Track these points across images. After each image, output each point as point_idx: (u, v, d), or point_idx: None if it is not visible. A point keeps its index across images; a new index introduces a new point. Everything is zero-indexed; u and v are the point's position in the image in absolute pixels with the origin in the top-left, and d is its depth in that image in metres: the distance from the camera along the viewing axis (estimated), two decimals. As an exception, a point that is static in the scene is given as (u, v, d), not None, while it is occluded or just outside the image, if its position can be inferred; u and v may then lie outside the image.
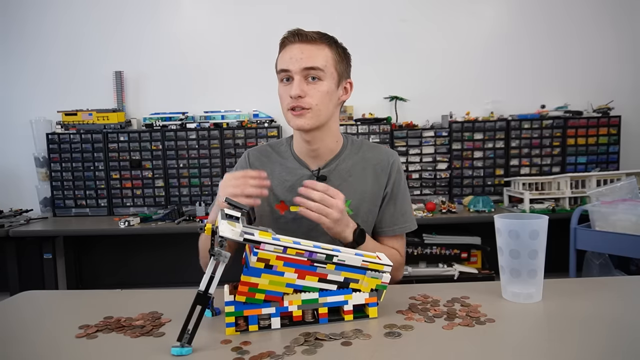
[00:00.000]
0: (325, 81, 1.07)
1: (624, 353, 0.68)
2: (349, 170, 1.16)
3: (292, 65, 1.04)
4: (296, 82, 1.04)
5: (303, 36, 1.06)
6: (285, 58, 1.06)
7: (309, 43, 1.06)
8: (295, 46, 1.06)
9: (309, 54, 1.05)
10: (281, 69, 1.07)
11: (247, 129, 2.82)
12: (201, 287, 0.72)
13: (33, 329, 0.84)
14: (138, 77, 2.98)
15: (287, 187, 1.15)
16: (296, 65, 1.04)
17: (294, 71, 1.05)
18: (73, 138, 2.82)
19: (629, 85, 2.92)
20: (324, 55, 1.07)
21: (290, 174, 1.17)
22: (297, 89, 1.04)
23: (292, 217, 1.13)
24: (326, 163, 1.16)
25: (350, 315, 0.82)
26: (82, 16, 2.94)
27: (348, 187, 1.14)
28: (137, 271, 2.97)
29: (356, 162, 1.18)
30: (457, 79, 2.93)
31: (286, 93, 1.07)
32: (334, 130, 1.16)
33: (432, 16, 2.93)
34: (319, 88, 1.06)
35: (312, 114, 1.06)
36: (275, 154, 1.21)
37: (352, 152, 1.19)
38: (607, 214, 1.98)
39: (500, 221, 0.88)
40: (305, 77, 1.05)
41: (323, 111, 1.08)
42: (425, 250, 2.45)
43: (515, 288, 0.88)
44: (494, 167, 2.83)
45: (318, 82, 1.06)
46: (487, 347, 0.70)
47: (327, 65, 1.07)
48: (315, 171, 1.15)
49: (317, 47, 1.06)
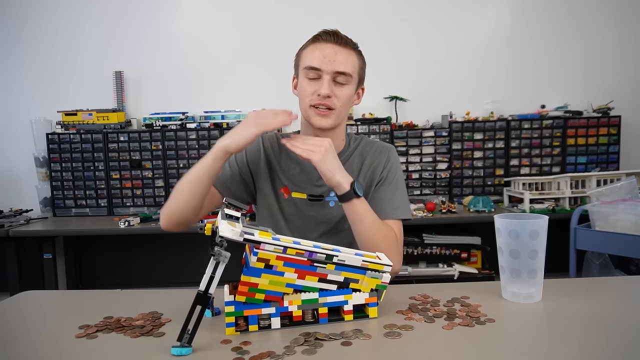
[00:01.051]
0: (350, 85, 1.10)
1: (624, 353, 0.68)
2: (350, 164, 1.20)
3: (325, 65, 1.06)
4: (327, 82, 1.06)
5: (338, 38, 1.08)
6: (317, 55, 1.07)
7: (342, 46, 1.08)
8: (329, 46, 1.07)
9: (342, 57, 1.07)
10: (312, 66, 1.07)
11: (247, 129, 2.81)
12: (201, 287, 0.72)
13: (33, 329, 0.84)
14: (138, 77, 2.98)
15: (291, 174, 1.20)
16: (329, 67, 1.06)
17: (326, 71, 1.06)
18: (73, 138, 2.82)
19: (629, 85, 2.92)
20: (353, 61, 1.10)
21: (295, 163, 1.20)
22: (328, 89, 1.06)
23: (294, 203, 1.18)
24: None
25: (350, 315, 0.82)
26: (82, 16, 2.94)
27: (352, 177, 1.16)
28: (137, 271, 2.97)
29: (355, 155, 1.22)
30: (457, 79, 2.94)
31: (312, 89, 1.08)
32: (342, 131, 1.21)
33: (432, 16, 2.93)
34: (345, 91, 1.09)
35: (335, 115, 1.10)
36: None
37: (353, 148, 1.23)
38: (607, 214, 1.98)
39: (500, 221, 0.88)
40: (334, 78, 1.08)
41: (343, 113, 1.13)
42: (425, 250, 2.45)
43: (515, 288, 0.88)
44: (494, 167, 2.83)
45: (345, 86, 1.09)
46: (487, 347, 0.70)
47: (354, 71, 1.10)
48: None
49: (348, 52, 1.09)
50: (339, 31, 1.10)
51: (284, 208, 1.19)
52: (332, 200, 1.17)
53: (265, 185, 1.20)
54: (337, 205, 1.14)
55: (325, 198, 1.18)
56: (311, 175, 1.18)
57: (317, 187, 1.18)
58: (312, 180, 1.18)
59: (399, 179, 1.22)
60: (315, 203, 1.17)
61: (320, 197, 1.18)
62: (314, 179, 1.18)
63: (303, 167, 1.19)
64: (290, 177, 1.20)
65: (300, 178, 1.19)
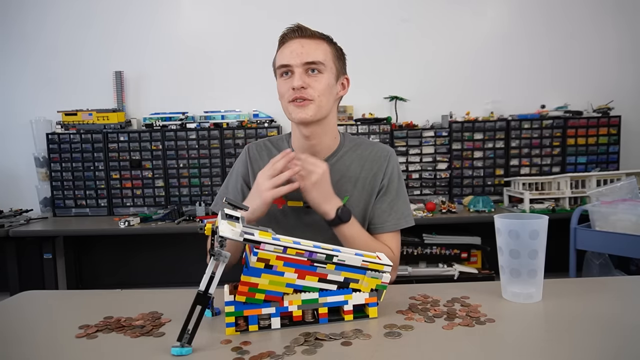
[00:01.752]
0: (325, 74, 1.07)
1: (624, 353, 0.68)
2: (347, 166, 1.17)
3: (293, 60, 1.05)
4: (298, 74, 1.04)
5: (303, 31, 1.07)
6: (285, 53, 1.07)
7: (309, 38, 1.07)
8: (295, 41, 1.06)
9: (309, 48, 1.06)
10: (281, 64, 1.07)
11: (247, 129, 2.82)
12: (201, 287, 0.72)
13: (33, 329, 0.84)
14: (138, 77, 2.98)
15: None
16: (297, 60, 1.05)
17: (295, 65, 1.05)
18: (73, 138, 2.82)
19: (629, 85, 2.92)
20: (323, 50, 1.08)
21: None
22: (300, 80, 1.04)
23: (290, 212, 1.14)
24: (324, 159, 1.15)
25: (350, 315, 0.82)
26: (83, 16, 2.94)
27: (346, 182, 1.15)
28: (137, 271, 2.97)
29: (353, 159, 1.18)
30: (457, 79, 2.93)
31: (287, 86, 1.07)
32: (332, 126, 1.17)
33: (432, 16, 2.93)
34: (321, 80, 1.07)
35: (314, 106, 1.06)
36: (275, 148, 1.22)
37: (349, 150, 1.19)
38: (607, 214, 1.98)
39: (500, 221, 0.88)
40: (306, 71, 1.06)
41: (324, 103, 1.08)
42: (425, 250, 2.45)
43: (515, 288, 0.88)
44: (494, 167, 2.83)
45: (319, 75, 1.07)
46: (487, 347, 0.70)
47: (327, 59, 1.08)
48: None
49: (317, 42, 1.08)
50: (301, 24, 1.08)
51: (280, 220, 1.15)
52: None
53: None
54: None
55: None
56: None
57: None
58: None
59: (400, 187, 1.19)
60: (312, 210, 1.11)
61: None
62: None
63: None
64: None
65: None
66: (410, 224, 1.18)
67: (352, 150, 1.19)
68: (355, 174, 1.16)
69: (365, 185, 1.16)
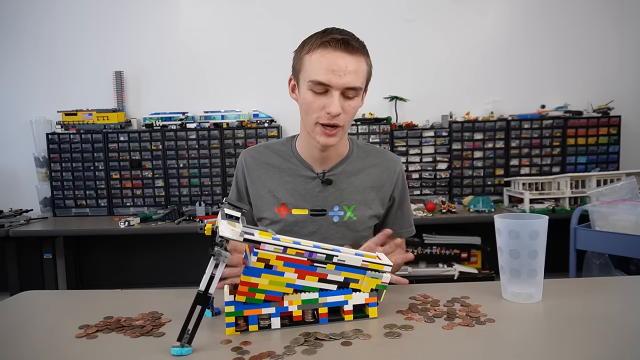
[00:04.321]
0: (358, 97, 1.02)
1: (624, 353, 0.68)
2: (355, 174, 1.14)
3: (336, 80, 0.95)
4: (337, 99, 0.96)
5: (349, 46, 0.95)
6: (324, 66, 0.95)
7: (353, 55, 0.96)
8: (339, 55, 0.95)
9: (353, 68, 0.96)
10: (319, 81, 0.96)
11: (247, 129, 2.82)
12: (201, 287, 0.72)
13: (33, 329, 0.83)
14: (138, 77, 2.98)
15: (288, 189, 1.12)
16: (339, 81, 0.95)
17: (336, 87, 0.96)
18: (73, 138, 2.82)
19: (629, 85, 2.92)
20: (362, 71, 0.99)
21: (292, 176, 1.13)
22: (337, 106, 0.96)
23: (294, 220, 1.11)
24: (332, 166, 1.13)
25: (350, 315, 0.82)
26: (82, 16, 2.94)
27: (353, 191, 1.12)
28: (137, 271, 2.97)
29: (362, 166, 1.15)
30: (457, 79, 2.94)
31: (319, 104, 0.98)
32: (346, 137, 1.15)
33: (432, 16, 2.93)
34: (353, 105, 1.01)
35: (342, 132, 1.03)
36: (274, 154, 1.16)
37: (358, 157, 1.16)
38: (607, 214, 1.98)
39: (500, 221, 0.88)
40: (343, 93, 0.98)
41: (348, 126, 1.05)
42: (425, 250, 2.45)
43: (515, 288, 0.88)
44: (494, 167, 2.83)
45: (354, 99, 1.00)
46: (487, 347, 0.70)
47: (364, 82, 1.02)
48: (321, 174, 1.11)
49: (359, 61, 0.98)
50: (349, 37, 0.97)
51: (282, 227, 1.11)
52: (337, 215, 1.10)
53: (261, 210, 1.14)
54: (342, 221, 1.10)
55: (329, 212, 1.11)
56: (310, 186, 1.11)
57: (319, 201, 1.11)
58: (313, 193, 1.11)
59: (407, 199, 1.22)
60: (317, 218, 1.10)
61: (322, 211, 1.10)
62: (315, 192, 1.11)
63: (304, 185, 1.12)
64: (288, 193, 1.11)
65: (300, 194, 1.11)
66: (413, 234, 1.24)
67: (361, 157, 1.16)
68: (364, 183, 1.14)
69: (373, 195, 1.14)
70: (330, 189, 1.10)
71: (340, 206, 1.11)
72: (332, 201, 1.10)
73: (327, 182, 1.10)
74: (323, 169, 1.12)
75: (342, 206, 1.11)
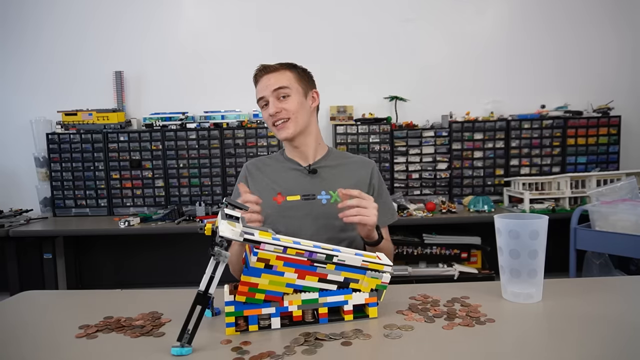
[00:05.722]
0: (293, 96, 1.28)
1: (624, 353, 0.68)
2: (335, 167, 1.37)
3: (265, 91, 1.27)
4: (271, 103, 1.27)
5: (267, 68, 1.29)
6: (259, 88, 1.30)
7: (273, 72, 1.28)
8: (264, 77, 1.29)
9: (275, 78, 1.28)
10: (259, 98, 1.30)
11: (247, 129, 2.82)
12: (201, 287, 0.72)
13: (33, 329, 0.84)
14: (138, 77, 2.98)
15: (283, 181, 1.34)
16: (267, 90, 1.27)
17: (267, 95, 1.27)
18: (73, 138, 2.82)
19: (629, 85, 2.92)
20: (287, 77, 1.29)
21: (285, 172, 1.36)
22: (273, 107, 1.26)
23: (289, 205, 1.24)
24: (315, 161, 1.36)
25: (350, 315, 0.82)
26: (82, 16, 2.94)
27: (336, 179, 1.33)
28: (137, 271, 2.97)
29: (340, 162, 1.38)
30: (457, 79, 2.93)
31: (266, 114, 1.29)
32: (315, 133, 1.37)
33: (432, 16, 2.93)
34: (290, 101, 1.28)
35: (292, 123, 1.28)
36: (271, 160, 1.42)
37: (336, 156, 1.41)
38: (607, 214, 1.98)
39: (500, 221, 0.88)
40: (277, 97, 1.27)
41: (300, 118, 1.29)
42: (425, 250, 2.45)
43: (515, 288, 0.88)
44: (494, 167, 2.83)
45: (288, 98, 1.28)
46: (487, 347, 0.70)
47: (291, 82, 1.28)
48: (307, 166, 1.34)
49: (280, 73, 1.29)
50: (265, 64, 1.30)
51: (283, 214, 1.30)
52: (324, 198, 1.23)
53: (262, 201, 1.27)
54: (329, 203, 1.20)
55: (317, 196, 1.24)
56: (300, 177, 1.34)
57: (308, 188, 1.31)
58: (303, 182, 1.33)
59: (385, 187, 1.41)
60: (308, 202, 1.26)
61: (312, 195, 1.24)
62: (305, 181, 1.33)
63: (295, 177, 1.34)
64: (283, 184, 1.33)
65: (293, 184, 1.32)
66: (396, 218, 1.41)
67: (338, 157, 1.41)
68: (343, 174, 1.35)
69: (353, 183, 1.31)
70: (316, 178, 1.33)
71: (326, 191, 1.25)
72: (319, 187, 1.29)
73: (313, 172, 1.33)
74: (308, 163, 1.36)
75: (329, 192, 1.24)
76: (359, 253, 0.84)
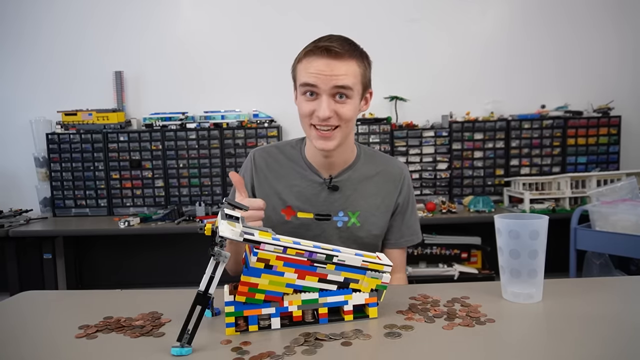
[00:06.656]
0: (353, 99, 1.01)
1: (624, 353, 0.67)
2: (360, 181, 1.15)
3: (321, 83, 0.97)
4: (325, 103, 0.98)
5: (331, 52, 0.97)
6: (310, 70, 0.98)
7: (338, 59, 0.97)
8: (323, 62, 0.97)
9: (338, 71, 0.97)
10: (307, 83, 0.99)
11: (247, 129, 2.82)
12: (201, 287, 0.72)
13: (33, 329, 0.83)
14: (138, 77, 2.98)
15: (295, 192, 1.13)
16: (325, 84, 0.97)
17: (322, 89, 0.98)
18: (73, 138, 2.82)
19: (629, 85, 2.92)
20: (352, 72, 0.99)
21: (300, 179, 1.14)
22: (327, 108, 0.98)
23: (299, 223, 1.12)
24: (339, 172, 1.14)
25: (350, 315, 0.82)
26: (82, 16, 2.94)
27: (358, 197, 1.14)
28: (137, 271, 2.97)
29: (368, 173, 1.16)
30: (457, 79, 2.93)
31: (310, 108, 1.00)
32: (351, 141, 1.15)
33: (432, 17, 2.93)
34: (348, 107, 1.00)
35: (339, 134, 1.02)
36: (284, 156, 1.17)
37: (365, 163, 1.17)
38: (607, 214, 1.98)
39: (500, 221, 0.88)
40: (333, 95, 0.99)
41: (350, 127, 1.05)
42: (425, 250, 2.45)
43: (515, 288, 0.88)
44: (494, 167, 2.83)
45: (347, 101, 1.00)
46: (487, 347, 0.70)
47: (356, 82, 1.01)
48: (327, 180, 1.13)
49: (346, 63, 0.98)
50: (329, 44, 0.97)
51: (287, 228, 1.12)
52: (341, 220, 1.11)
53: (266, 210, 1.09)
54: (345, 226, 1.11)
55: (333, 217, 1.12)
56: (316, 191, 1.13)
57: (324, 206, 1.12)
58: (319, 198, 1.13)
59: (414, 205, 1.21)
60: (322, 223, 1.11)
61: (327, 216, 1.12)
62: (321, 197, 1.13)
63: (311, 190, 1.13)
64: (295, 196, 1.12)
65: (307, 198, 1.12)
66: (419, 241, 1.22)
67: (367, 165, 1.17)
68: (369, 190, 1.15)
69: (378, 202, 1.15)
70: (336, 194, 1.12)
71: (345, 212, 1.12)
72: (337, 207, 1.12)
73: (333, 189, 1.11)
74: (330, 174, 1.13)
75: (347, 212, 1.12)
76: (359, 253, 0.83)
